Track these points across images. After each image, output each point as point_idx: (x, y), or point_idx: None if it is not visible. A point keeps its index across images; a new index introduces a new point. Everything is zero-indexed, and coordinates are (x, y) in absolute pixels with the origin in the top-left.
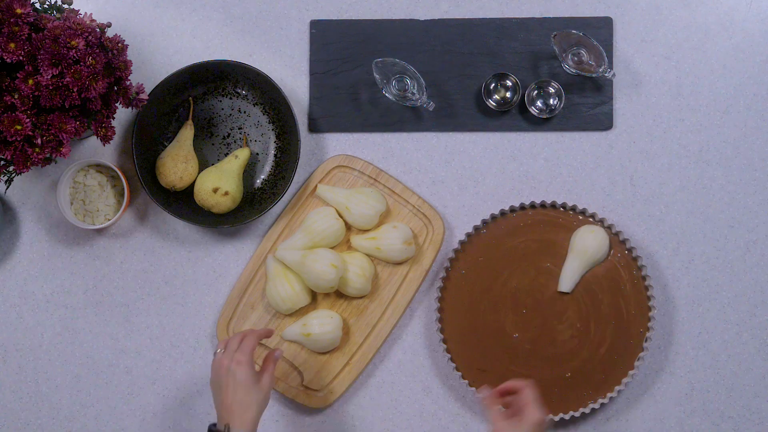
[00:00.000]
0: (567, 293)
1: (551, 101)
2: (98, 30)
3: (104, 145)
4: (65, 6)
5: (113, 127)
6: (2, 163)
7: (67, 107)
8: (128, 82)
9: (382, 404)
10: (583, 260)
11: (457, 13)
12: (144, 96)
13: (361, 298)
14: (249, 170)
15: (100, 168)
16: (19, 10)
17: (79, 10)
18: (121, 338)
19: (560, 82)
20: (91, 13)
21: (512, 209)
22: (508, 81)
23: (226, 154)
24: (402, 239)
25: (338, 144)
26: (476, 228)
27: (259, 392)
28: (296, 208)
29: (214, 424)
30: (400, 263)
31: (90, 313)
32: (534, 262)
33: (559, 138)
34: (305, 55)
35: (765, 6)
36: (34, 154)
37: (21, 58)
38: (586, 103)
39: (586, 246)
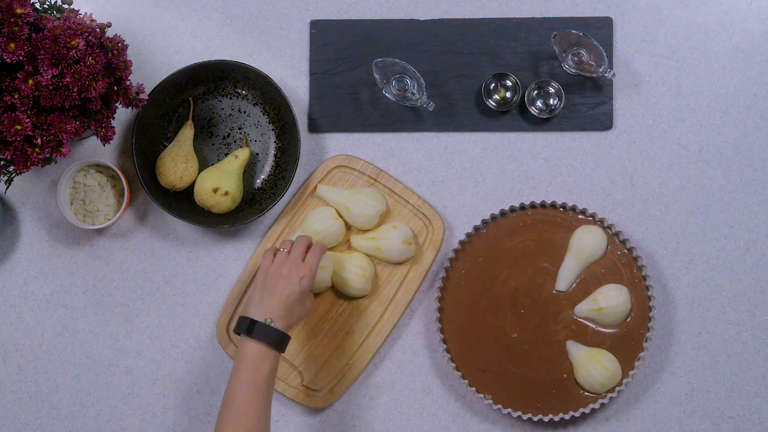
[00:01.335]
0: (565, 293)
1: (551, 101)
2: (98, 30)
3: (104, 145)
4: (65, 6)
5: (113, 127)
6: (2, 163)
7: (67, 107)
8: (128, 82)
9: (382, 404)
10: (581, 260)
11: (457, 13)
12: (144, 96)
13: (361, 298)
14: (249, 170)
15: (100, 168)
16: (19, 10)
17: (79, 10)
18: (121, 338)
19: (560, 82)
20: (91, 13)
21: (512, 209)
22: (508, 81)
23: (226, 154)
24: (402, 239)
25: (338, 144)
26: (476, 228)
27: (303, 309)
28: (296, 208)
29: (245, 317)
30: (400, 263)
31: (90, 313)
32: (532, 262)
33: (559, 138)
34: (305, 55)
35: (765, 6)
36: (34, 154)
37: (21, 58)
38: (586, 103)
39: (584, 246)
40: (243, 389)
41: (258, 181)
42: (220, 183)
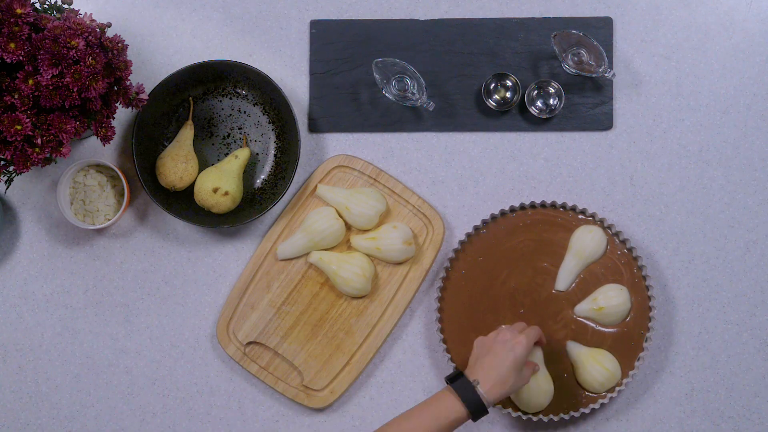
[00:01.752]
0: (565, 293)
1: (551, 101)
2: (98, 30)
3: (104, 145)
4: (65, 6)
5: (113, 127)
6: (2, 163)
7: (67, 107)
8: (128, 82)
9: (382, 404)
10: (581, 260)
11: (457, 13)
12: (144, 96)
13: (361, 298)
14: (249, 170)
15: (100, 168)
16: (19, 10)
17: (79, 10)
18: (121, 338)
19: (560, 82)
20: (91, 13)
21: (512, 209)
22: (508, 81)
23: (226, 154)
24: (402, 239)
25: (338, 144)
26: (476, 228)
27: (519, 378)
28: (296, 208)
29: (458, 373)
30: (400, 263)
31: (90, 313)
32: (532, 262)
33: (559, 138)
34: (305, 55)
35: (765, 6)
36: (34, 154)
37: (21, 58)
38: (586, 103)
39: (584, 246)
40: (414, 422)
41: (258, 181)
42: (220, 183)
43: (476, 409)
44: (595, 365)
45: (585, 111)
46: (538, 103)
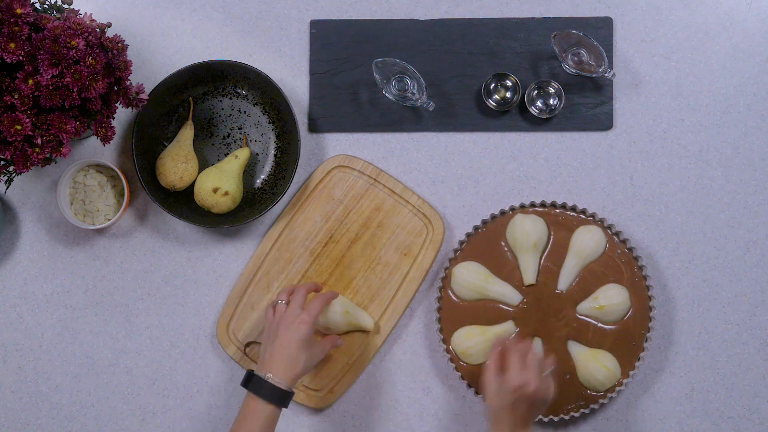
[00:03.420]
0: (565, 292)
1: (551, 101)
2: (98, 30)
3: (104, 145)
4: (65, 6)
5: (113, 127)
6: (2, 163)
7: (67, 107)
8: (128, 82)
9: (382, 404)
10: (580, 259)
11: (457, 13)
12: (144, 96)
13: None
14: (249, 170)
15: (100, 168)
16: (19, 10)
17: (79, 10)
18: (121, 338)
19: (560, 82)
20: (91, 13)
21: (512, 209)
22: (508, 81)
23: (226, 154)
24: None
25: (338, 144)
26: (476, 228)
27: (311, 355)
28: (296, 208)
29: (250, 374)
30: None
31: (90, 313)
32: None
33: (559, 138)
34: (305, 55)
35: (765, 6)
36: (34, 154)
37: (21, 58)
38: (586, 103)
39: (583, 246)
40: None
41: (258, 181)
42: (220, 183)
43: (279, 398)
44: (595, 364)
45: (585, 111)
46: (538, 103)
